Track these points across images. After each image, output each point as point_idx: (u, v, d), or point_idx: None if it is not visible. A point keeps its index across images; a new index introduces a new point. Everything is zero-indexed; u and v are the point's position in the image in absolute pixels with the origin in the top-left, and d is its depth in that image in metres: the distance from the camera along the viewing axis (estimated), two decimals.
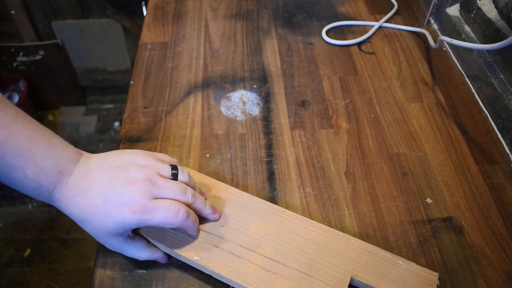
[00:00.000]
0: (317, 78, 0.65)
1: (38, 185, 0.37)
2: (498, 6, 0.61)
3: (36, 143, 0.36)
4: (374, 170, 0.52)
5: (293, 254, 0.41)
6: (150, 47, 0.70)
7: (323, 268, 0.40)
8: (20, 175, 0.36)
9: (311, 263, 0.40)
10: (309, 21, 0.77)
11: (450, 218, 0.47)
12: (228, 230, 0.43)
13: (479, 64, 0.61)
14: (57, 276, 1.32)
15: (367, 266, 0.40)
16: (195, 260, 0.40)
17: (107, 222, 0.37)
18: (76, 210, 0.38)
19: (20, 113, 0.37)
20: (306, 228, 0.43)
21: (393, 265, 0.40)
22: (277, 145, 0.55)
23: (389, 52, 0.70)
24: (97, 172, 0.38)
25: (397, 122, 0.58)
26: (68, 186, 0.37)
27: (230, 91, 0.63)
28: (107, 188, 0.37)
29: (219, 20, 0.77)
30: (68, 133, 1.79)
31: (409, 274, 0.40)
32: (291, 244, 0.42)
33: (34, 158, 0.36)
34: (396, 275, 0.40)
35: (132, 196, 0.37)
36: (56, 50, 1.67)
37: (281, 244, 0.42)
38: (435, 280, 0.39)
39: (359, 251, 0.41)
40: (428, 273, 0.40)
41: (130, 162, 0.39)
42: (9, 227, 1.46)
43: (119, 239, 0.39)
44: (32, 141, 0.36)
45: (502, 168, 0.52)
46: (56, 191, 0.37)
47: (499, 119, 0.56)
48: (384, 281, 0.39)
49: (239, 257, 0.41)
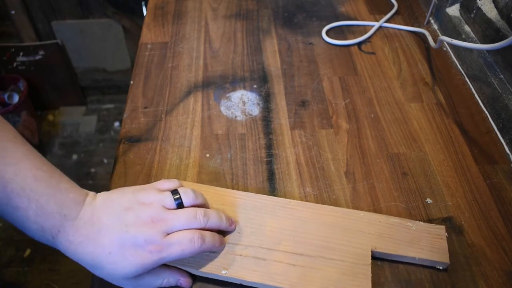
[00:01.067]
0: (317, 78, 0.65)
1: (40, 228, 0.36)
2: (498, 6, 0.61)
3: (42, 184, 0.36)
4: (374, 170, 0.52)
5: (313, 242, 0.42)
6: (150, 47, 0.70)
7: (344, 248, 0.42)
8: (23, 216, 0.35)
9: (331, 246, 0.42)
10: (309, 21, 0.77)
11: (450, 218, 0.47)
12: (246, 235, 0.43)
13: (479, 64, 0.61)
14: (57, 276, 1.32)
15: (382, 236, 0.43)
16: (223, 274, 0.40)
17: (124, 267, 0.36)
18: (86, 256, 0.36)
19: (31, 151, 0.37)
20: (316, 213, 0.44)
21: (404, 228, 0.43)
22: (277, 145, 0.55)
23: (389, 52, 0.70)
24: (105, 216, 0.37)
25: (397, 122, 0.58)
26: (74, 231, 0.37)
27: (230, 91, 0.63)
28: (119, 232, 0.37)
29: (219, 20, 0.77)
30: (68, 133, 1.79)
31: (420, 233, 0.43)
32: (308, 233, 0.43)
33: (38, 199, 0.35)
34: (410, 237, 0.43)
35: (146, 237, 0.36)
36: (56, 50, 1.67)
37: (299, 235, 0.43)
38: (443, 233, 0.43)
39: (370, 223, 0.43)
40: (436, 228, 0.44)
41: (135, 202, 0.39)
42: (9, 227, 1.46)
43: (137, 277, 0.38)
44: (38, 181, 0.36)
45: (502, 168, 0.52)
46: (60, 235, 0.36)
47: (499, 119, 0.56)
48: (401, 246, 0.42)
49: (264, 260, 0.41)
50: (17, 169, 0.35)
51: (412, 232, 0.43)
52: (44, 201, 0.36)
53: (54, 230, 0.36)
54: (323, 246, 0.42)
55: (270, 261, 0.41)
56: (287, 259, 0.41)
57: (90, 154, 1.71)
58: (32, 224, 0.36)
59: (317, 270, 0.40)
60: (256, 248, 0.42)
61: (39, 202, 0.35)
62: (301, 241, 0.42)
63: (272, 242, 0.42)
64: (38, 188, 0.36)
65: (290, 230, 0.43)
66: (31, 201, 0.35)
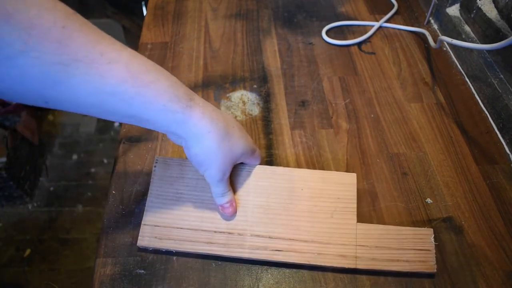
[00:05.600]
0: (317, 78, 0.65)
1: (175, 96, 0.35)
2: (498, 6, 0.61)
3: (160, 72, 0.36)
4: (374, 170, 0.52)
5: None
6: (150, 47, 0.70)
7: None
8: (155, 89, 0.34)
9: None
10: (309, 21, 0.77)
11: (450, 218, 0.47)
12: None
13: (479, 64, 0.61)
14: (57, 276, 1.32)
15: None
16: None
17: (241, 143, 0.41)
18: (222, 125, 0.39)
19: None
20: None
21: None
22: (277, 145, 0.55)
23: (389, 52, 0.70)
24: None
25: (397, 122, 0.58)
26: (204, 102, 0.38)
27: (230, 91, 0.63)
28: (232, 119, 0.42)
29: (219, 20, 0.77)
30: (68, 133, 1.79)
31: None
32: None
33: (160, 79, 0.35)
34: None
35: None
36: None
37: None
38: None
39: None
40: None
41: None
42: (9, 227, 1.46)
43: (230, 170, 0.42)
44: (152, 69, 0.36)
45: (502, 168, 0.52)
46: (193, 101, 0.37)
47: (499, 119, 0.56)
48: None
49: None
50: (131, 55, 0.34)
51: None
52: (168, 74, 0.36)
53: (187, 98, 0.36)
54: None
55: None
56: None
57: (90, 154, 1.71)
58: (165, 95, 0.35)
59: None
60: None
61: (165, 75, 0.36)
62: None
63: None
64: (157, 66, 0.36)
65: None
66: (158, 74, 0.35)
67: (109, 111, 0.34)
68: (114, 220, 0.46)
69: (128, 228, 0.46)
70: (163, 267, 0.43)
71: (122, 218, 0.47)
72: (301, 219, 0.43)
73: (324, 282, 0.42)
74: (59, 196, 1.55)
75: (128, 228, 0.46)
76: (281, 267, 0.43)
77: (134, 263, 0.43)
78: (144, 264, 0.43)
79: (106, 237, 0.45)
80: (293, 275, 0.42)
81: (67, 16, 0.30)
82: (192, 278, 0.42)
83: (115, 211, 0.47)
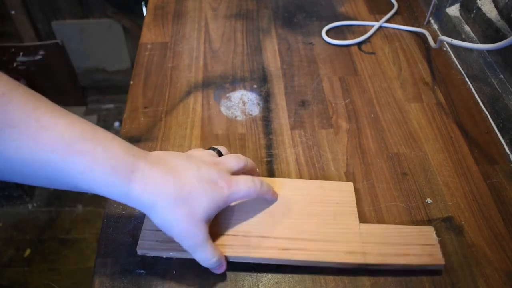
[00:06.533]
0: (317, 78, 0.65)
1: (113, 169, 0.33)
2: (498, 6, 0.61)
3: (100, 135, 0.34)
4: (374, 170, 0.52)
5: None
6: (150, 47, 0.70)
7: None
8: (90, 160, 0.32)
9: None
10: (309, 21, 0.77)
11: (450, 218, 0.47)
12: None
13: (479, 64, 0.61)
14: (57, 276, 1.32)
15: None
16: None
17: (204, 201, 0.37)
18: (167, 190, 0.35)
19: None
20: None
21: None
22: (277, 145, 0.55)
23: (389, 52, 0.70)
24: (173, 159, 0.38)
25: (397, 122, 0.58)
26: (149, 168, 0.35)
27: (230, 91, 0.63)
28: (194, 169, 0.37)
29: (219, 20, 0.77)
30: None
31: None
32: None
33: (101, 143, 0.33)
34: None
35: (218, 172, 0.38)
36: (56, 50, 1.67)
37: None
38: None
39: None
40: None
41: (189, 154, 0.41)
42: (9, 227, 1.46)
43: (206, 229, 0.38)
44: (94, 130, 0.34)
45: (502, 168, 0.52)
46: (134, 175, 0.34)
47: (499, 119, 0.56)
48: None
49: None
50: (69, 123, 0.33)
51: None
52: (109, 143, 0.34)
53: (127, 170, 0.34)
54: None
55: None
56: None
57: None
58: (101, 167, 0.33)
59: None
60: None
61: (103, 145, 0.33)
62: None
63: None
64: (97, 135, 0.34)
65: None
66: (95, 144, 0.33)
67: (50, 180, 0.32)
68: (114, 220, 0.46)
69: (128, 228, 0.46)
70: (163, 267, 0.43)
71: (122, 218, 0.47)
72: (305, 221, 0.44)
73: (324, 282, 0.42)
74: (59, 196, 1.55)
75: (128, 228, 0.46)
76: (281, 267, 0.43)
77: (134, 263, 0.43)
78: (144, 264, 0.43)
79: (106, 237, 0.45)
80: (293, 275, 0.42)
81: (8, 84, 0.30)
82: (192, 278, 0.42)
83: (115, 211, 0.47)
